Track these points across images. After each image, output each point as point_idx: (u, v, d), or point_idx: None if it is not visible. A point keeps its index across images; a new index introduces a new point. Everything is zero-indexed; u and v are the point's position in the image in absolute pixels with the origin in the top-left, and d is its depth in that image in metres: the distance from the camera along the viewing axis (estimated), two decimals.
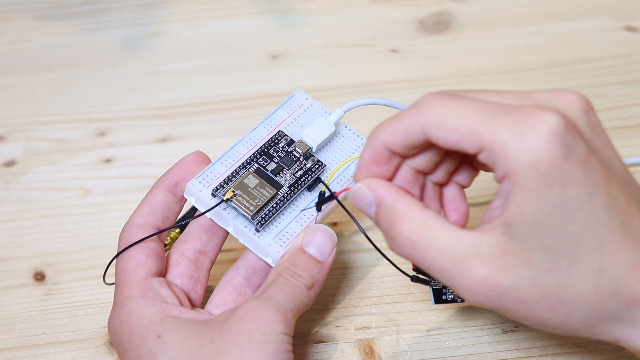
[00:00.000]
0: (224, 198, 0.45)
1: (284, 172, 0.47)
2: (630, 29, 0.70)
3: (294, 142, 0.48)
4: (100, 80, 0.67)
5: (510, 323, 0.50)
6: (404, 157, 0.41)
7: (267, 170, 0.47)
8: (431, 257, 0.37)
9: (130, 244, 0.45)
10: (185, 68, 0.68)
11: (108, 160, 0.61)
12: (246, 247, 0.46)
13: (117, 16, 0.73)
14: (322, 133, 0.49)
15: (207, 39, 0.71)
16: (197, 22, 0.72)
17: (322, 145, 0.49)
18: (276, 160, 0.48)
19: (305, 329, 0.50)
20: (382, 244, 0.42)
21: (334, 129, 0.49)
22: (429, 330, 0.50)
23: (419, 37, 0.70)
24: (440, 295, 0.48)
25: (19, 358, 0.50)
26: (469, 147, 0.37)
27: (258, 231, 0.45)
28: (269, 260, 0.45)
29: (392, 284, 0.52)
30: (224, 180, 0.46)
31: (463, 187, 0.43)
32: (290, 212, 0.47)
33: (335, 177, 0.48)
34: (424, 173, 0.42)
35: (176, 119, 0.64)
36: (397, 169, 0.41)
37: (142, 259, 0.45)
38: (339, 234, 0.55)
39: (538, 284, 0.36)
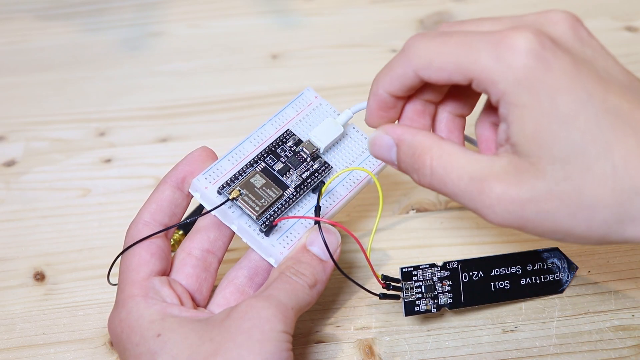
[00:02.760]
0: (230, 197, 0.45)
1: (291, 172, 0.47)
2: (630, 29, 0.70)
3: (302, 142, 0.48)
4: (100, 80, 0.67)
5: (510, 323, 0.50)
6: (408, 97, 0.43)
7: (274, 170, 0.47)
8: (451, 181, 0.39)
9: (135, 241, 0.45)
10: (185, 68, 0.68)
11: (108, 160, 0.61)
12: (249, 246, 0.46)
13: (117, 16, 0.73)
14: (331, 134, 0.48)
15: (207, 39, 0.71)
16: (197, 22, 0.72)
17: (330, 147, 0.49)
18: (283, 160, 0.47)
19: (305, 329, 0.50)
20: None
21: (342, 130, 0.49)
22: (429, 330, 0.50)
23: None
24: (412, 307, 0.47)
25: (19, 358, 0.50)
26: (460, 80, 0.39)
27: (262, 231, 0.45)
28: (272, 261, 0.45)
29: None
30: (230, 178, 0.46)
31: (465, 115, 0.45)
32: (295, 214, 0.47)
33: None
34: (433, 103, 0.44)
35: (176, 119, 0.64)
36: (403, 107, 0.44)
37: (146, 258, 0.45)
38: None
39: (555, 193, 0.37)
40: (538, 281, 0.50)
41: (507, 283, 0.49)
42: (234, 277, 0.46)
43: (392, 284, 0.47)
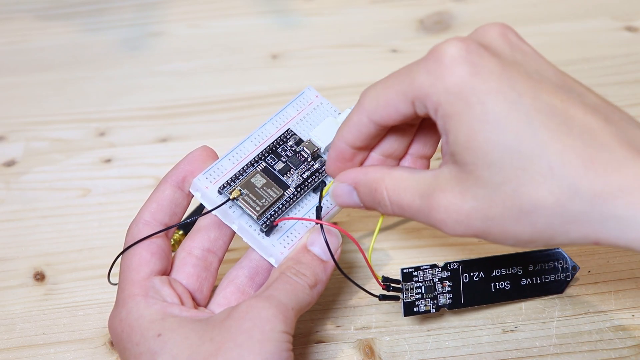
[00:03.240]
0: (231, 197, 0.45)
1: (291, 172, 0.47)
2: (630, 29, 0.70)
3: (303, 141, 0.48)
4: (100, 80, 0.67)
5: (510, 323, 0.50)
6: (368, 149, 0.45)
7: (275, 170, 0.47)
8: (407, 204, 0.41)
9: (136, 240, 0.45)
10: (185, 68, 0.68)
11: (108, 160, 0.61)
12: (249, 246, 0.46)
13: (117, 16, 0.73)
14: (331, 134, 0.48)
15: (207, 39, 0.71)
16: (197, 22, 0.72)
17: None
18: (284, 160, 0.47)
19: (306, 329, 0.50)
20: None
21: None
22: (429, 330, 0.50)
23: (419, 37, 0.70)
24: (412, 307, 0.47)
25: (19, 358, 0.50)
26: (405, 109, 0.40)
27: (263, 231, 0.45)
28: (272, 261, 0.45)
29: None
30: (231, 177, 0.46)
31: (428, 156, 0.46)
32: (295, 214, 0.47)
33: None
34: (396, 158, 0.45)
35: (176, 119, 0.64)
36: (363, 162, 0.45)
37: (146, 257, 0.45)
38: None
39: (496, 199, 0.37)
40: (539, 281, 0.50)
41: (507, 283, 0.49)
42: (235, 276, 0.46)
43: (392, 285, 0.47)
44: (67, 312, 0.52)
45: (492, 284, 0.49)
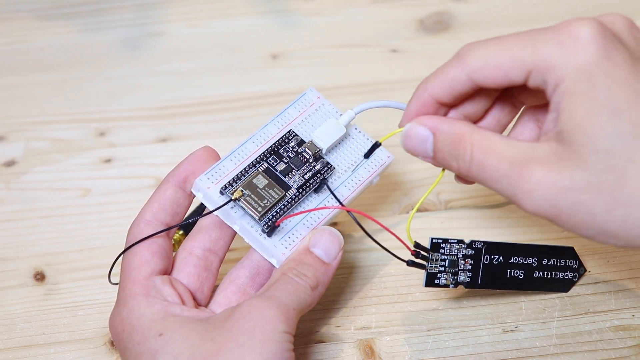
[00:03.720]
0: (233, 197, 0.45)
1: (293, 173, 0.47)
2: None
3: (305, 142, 0.48)
4: (100, 80, 0.67)
5: (510, 323, 0.50)
6: (450, 106, 0.43)
7: (277, 171, 0.47)
8: (491, 165, 0.39)
9: (137, 240, 0.45)
10: (185, 68, 0.68)
11: (108, 160, 0.61)
12: (250, 246, 0.46)
13: (117, 16, 0.73)
14: (333, 135, 0.48)
15: (207, 39, 0.71)
16: (197, 22, 0.72)
17: (332, 147, 0.49)
18: (286, 161, 0.47)
19: (306, 329, 0.50)
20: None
21: (345, 131, 0.49)
22: (429, 330, 0.50)
23: (419, 37, 0.70)
24: (433, 279, 0.47)
25: (19, 358, 0.50)
26: (516, 76, 0.39)
27: (265, 232, 0.45)
28: (274, 262, 0.45)
29: (392, 284, 0.52)
30: (232, 178, 0.46)
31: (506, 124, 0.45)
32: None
33: (344, 178, 0.48)
34: (472, 120, 0.44)
35: (176, 119, 0.64)
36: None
37: (147, 257, 0.45)
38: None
39: (593, 184, 0.36)
40: (549, 276, 0.50)
41: (521, 272, 0.49)
42: (236, 276, 0.46)
43: (422, 252, 0.47)
44: (67, 312, 0.52)
45: (508, 271, 0.49)
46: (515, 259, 0.49)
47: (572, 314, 0.50)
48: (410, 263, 0.47)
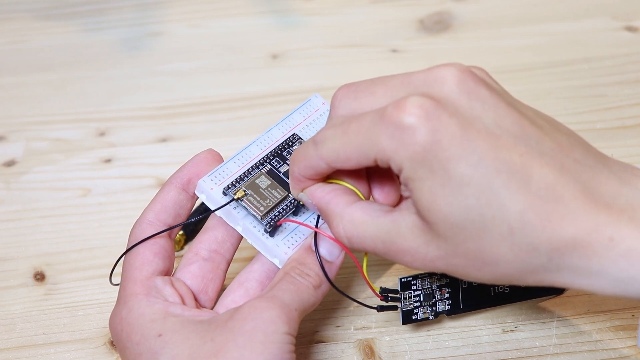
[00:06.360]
0: (235, 197, 0.45)
1: None
2: (630, 29, 0.70)
3: None
4: (100, 80, 0.67)
5: (510, 323, 0.50)
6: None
7: (280, 172, 0.47)
8: (370, 246, 0.41)
9: (139, 240, 0.45)
10: (185, 68, 0.68)
11: (108, 160, 0.61)
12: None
13: (117, 16, 0.73)
14: None
15: (207, 39, 0.71)
16: (197, 22, 0.72)
17: None
18: (289, 163, 0.47)
19: (306, 329, 0.50)
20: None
21: None
22: (429, 330, 0.50)
23: (419, 37, 0.70)
24: (410, 315, 0.47)
25: (19, 358, 0.50)
26: (367, 163, 0.40)
27: (267, 232, 0.45)
28: (276, 262, 0.45)
29: (392, 284, 0.52)
30: (235, 179, 0.46)
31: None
32: (299, 216, 0.46)
33: None
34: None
35: (176, 119, 0.64)
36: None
37: (149, 257, 0.45)
38: None
39: (459, 252, 0.39)
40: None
41: (506, 287, 0.49)
42: (245, 279, 0.46)
43: (390, 295, 0.47)
44: (67, 312, 0.52)
45: (492, 288, 0.49)
46: None
47: (572, 314, 0.50)
48: (379, 309, 0.47)
